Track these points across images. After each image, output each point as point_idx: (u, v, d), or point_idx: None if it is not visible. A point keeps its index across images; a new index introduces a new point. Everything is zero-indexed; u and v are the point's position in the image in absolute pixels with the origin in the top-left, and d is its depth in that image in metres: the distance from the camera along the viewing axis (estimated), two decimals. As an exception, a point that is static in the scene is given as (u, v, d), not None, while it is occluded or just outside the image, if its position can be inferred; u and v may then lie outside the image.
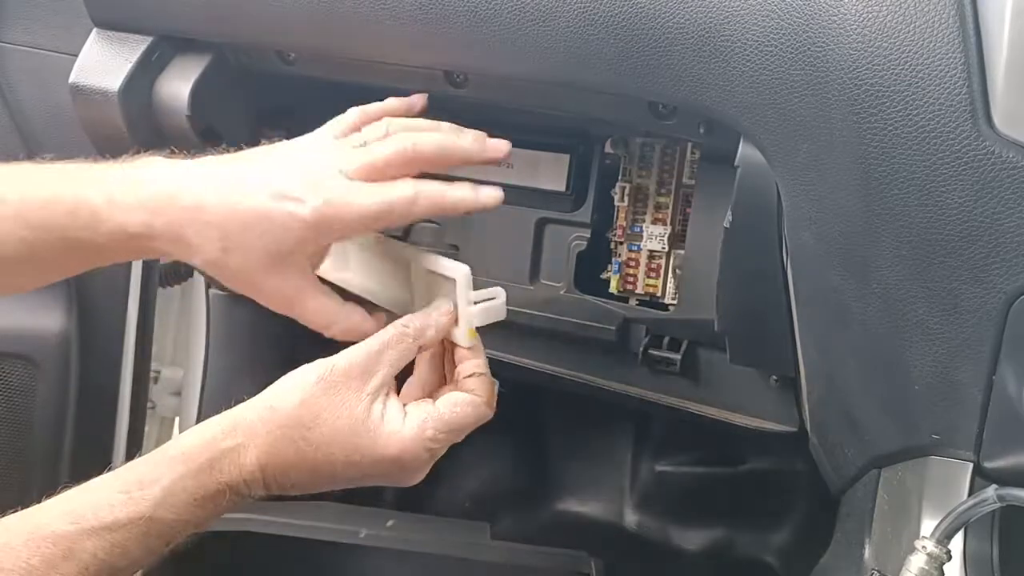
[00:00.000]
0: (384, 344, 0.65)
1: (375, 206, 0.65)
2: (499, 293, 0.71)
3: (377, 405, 0.63)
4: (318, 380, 0.63)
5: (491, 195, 0.70)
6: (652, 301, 0.92)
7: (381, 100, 0.96)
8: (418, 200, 0.66)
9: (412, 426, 0.64)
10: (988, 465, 0.63)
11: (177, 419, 1.32)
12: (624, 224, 0.91)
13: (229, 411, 0.63)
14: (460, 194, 0.69)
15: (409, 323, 0.67)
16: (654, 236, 0.90)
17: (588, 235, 0.93)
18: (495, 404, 0.68)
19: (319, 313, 0.68)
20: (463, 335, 0.70)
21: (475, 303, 0.70)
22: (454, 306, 0.69)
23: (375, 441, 0.63)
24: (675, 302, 0.90)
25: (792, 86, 0.63)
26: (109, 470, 0.60)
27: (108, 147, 0.93)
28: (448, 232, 0.99)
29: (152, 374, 1.29)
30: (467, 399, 0.66)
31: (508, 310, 0.95)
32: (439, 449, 0.66)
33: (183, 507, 0.59)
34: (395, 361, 0.65)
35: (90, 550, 0.56)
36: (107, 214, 0.65)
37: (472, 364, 0.69)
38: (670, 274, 0.91)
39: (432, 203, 0.67)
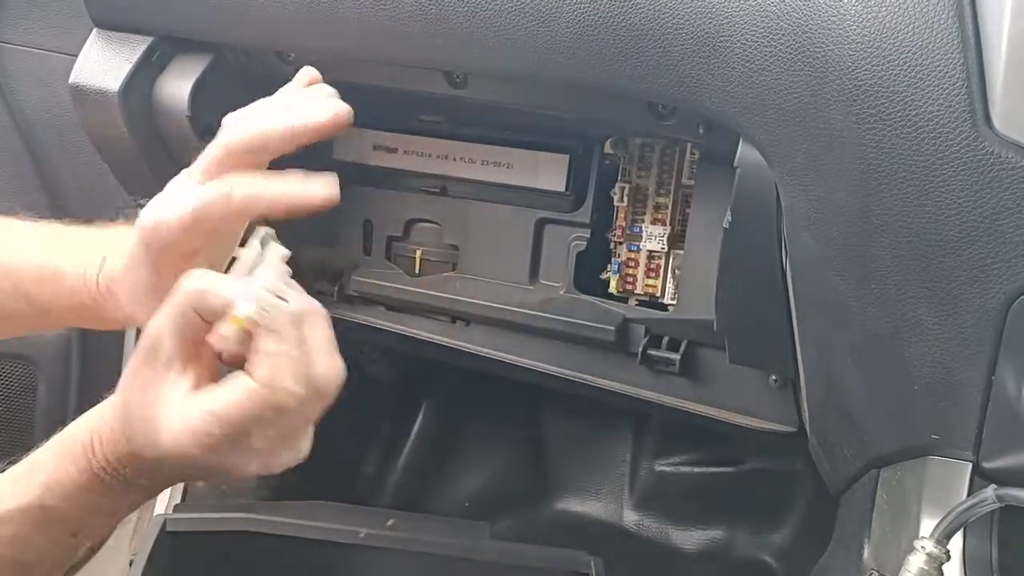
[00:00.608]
0: (164, 312, 0.55)
1: (188, 205, 0.58)
2: (294, 299, 0.55)
3: (165, 387, 0.54)
4: (130, 364, 0.55)
5: (320, 189, 0.60)
6: (651, 301, 0.92)
7: (381, 99, 0.97)
8: (234, 193, 0.58)
9: (183, 415, 0.54)
10: (987, 465, 0.63)
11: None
12: (623, 224, 0.91)
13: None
14: (283, 187, 0.59)
15: (189, 286, 0.54)
16: (653, 236, 0.90)
17: (588, 235, 0.93)
18: (293, 383, 0.53)
19: None
20: (227, 323, 0.54)
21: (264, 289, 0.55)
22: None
23: (158, 429, 0.54)
24: (674, 302, 0.90)
25: (791, 87, 0.63)
26: None
27: (108, 147, 0.93)
28: (448, 232, 0.99)
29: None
30: (238, 383, 0.53)
31: (508, 310, 0.96)
32: (218, 443, 0.53)
33: (73, 494, 0.56)
34: (174, 330, 0.55)
35: None
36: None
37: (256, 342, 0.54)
38: (669, 274, 0.91)
39: (249, 195, 0.58)
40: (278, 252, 0.57)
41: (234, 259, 0.63)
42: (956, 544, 0.62)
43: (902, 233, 0.60)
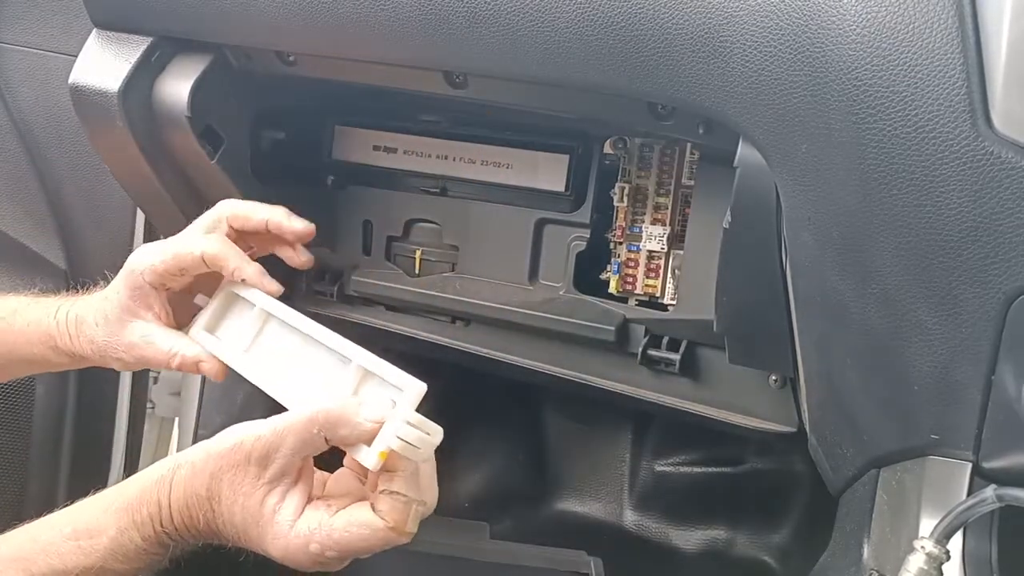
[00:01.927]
0: (288, 429, 0.59)
1: (169, 253, 0.74)
2: (436, 432, 0.60)
3: (271, 499, 0.59)
4: (228, 453, 0.60)
5: (271, 285, 0.75)
6: (651, 301, 0.92)
7: (381, 99, 0.97)
8: (203, 251, 0.74)
9: (299, 534, 0.59)
10: (987, 465, 0.63)
11: (177, 419, 1.32)
12: (623, 224, 0.91)
13: (168, 460, 0.62)
14: (242, 262, 0.75)
15: (321, 412, 0.59)
16: (653, 236, 0.90)
17: (587, 235, 0.93)
18: (413, 525, 0.59)
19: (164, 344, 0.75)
20: (372, 455, 0.59)
21: (407, 423, 0.59)
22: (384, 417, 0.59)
23: (263, 536, 0.60)
24: (674, 302, 0.90)
25: (791, 86, 0.63)
26: (108, 471, 0.61)
27: (107, 147, 0.93)
28: (448, 232, 0.99)
29: (152, 374, 1.29)
30: (366, 520, 0.59)
31: (508, 311, 0.96)
32: (330, 562, 0.60)
33: (133, 556, 0.60)
34: (296, 450, 0.59)
35: None
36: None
37: (387, 479, 0.59)
38: (669, 274, 0.91)
39: (210, 255, 0.74)
40: (417, 388, 0.60)
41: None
42: (956, 544, 0.62)
43: (902, 233, 0.60)
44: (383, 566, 0.98)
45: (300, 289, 1.04)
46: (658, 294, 0.91)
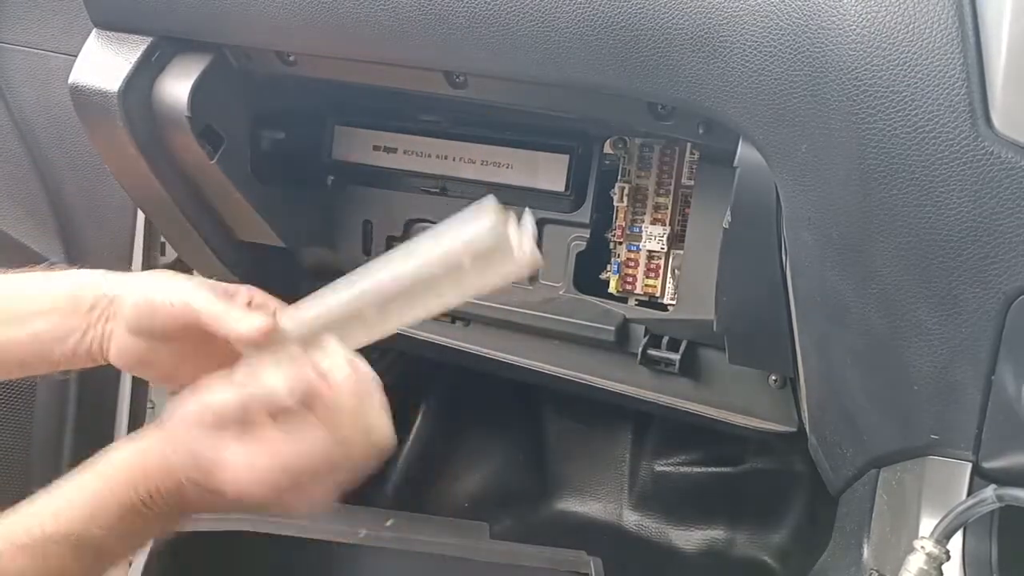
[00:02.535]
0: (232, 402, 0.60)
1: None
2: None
3: (216, 442, 0.60)
4: (175, 423, 0.61)
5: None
6: (651, 301, 0.92)
7: (381, 99, 0.96)
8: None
9: (251, 466, 0.59)
10: (987, 465, 0.63)
11: (177, 419, 1.32)
12: (623, 224, 0.91)
13: (143, 432, 0.63)
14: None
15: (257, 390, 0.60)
16: (653, 236, 0.90)
17: (587, 235, 0.93)
18: (350, 431, 0.60)
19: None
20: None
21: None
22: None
23: (221, 480, 0.60)
24: (674, 302, 0.90)
25: (791, 86, 0.63)
26: None
27: (108, 147, 0.93)
28: (447, 232, 0.99)
29: (152, 374, 1.28)
30: (300, 429, 0.59)
31: (508, 311, 0.96)
32: (290, 492, 0.60)
33: (112, 522, 0.60)
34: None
35: (20, 566, 0.57)
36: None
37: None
38: (669, 274, 0.91)
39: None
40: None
41: None
42: (956, 544, 0.62)
43: (902, 233, 0.60)
44: (383, 566, 0.99)
45: (301, 290, 1.04)
46: (658, 294, 0.91)
